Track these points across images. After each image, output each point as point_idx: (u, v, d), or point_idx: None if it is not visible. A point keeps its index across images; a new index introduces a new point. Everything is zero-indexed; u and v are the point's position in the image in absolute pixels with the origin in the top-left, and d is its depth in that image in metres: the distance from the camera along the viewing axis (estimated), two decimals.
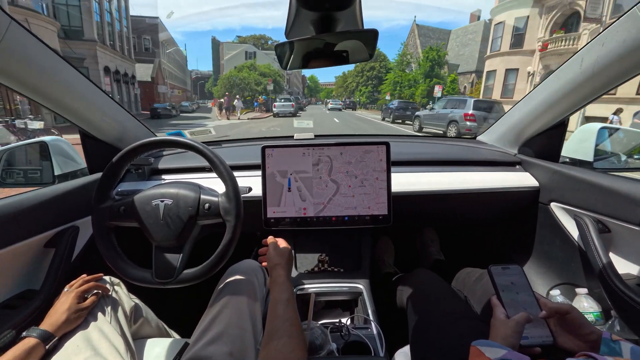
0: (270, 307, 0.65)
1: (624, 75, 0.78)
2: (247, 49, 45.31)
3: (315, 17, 0.58)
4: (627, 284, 0.78)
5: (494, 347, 0.50)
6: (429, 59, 27.29)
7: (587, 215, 0.93)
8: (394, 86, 30.84)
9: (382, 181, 0.97)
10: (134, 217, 0.77)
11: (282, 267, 0.75)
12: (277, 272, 0.73)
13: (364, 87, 43.73)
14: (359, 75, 44.95)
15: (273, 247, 0.81)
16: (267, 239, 0.87)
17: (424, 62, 27.78)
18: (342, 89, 58.66)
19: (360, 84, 44.46)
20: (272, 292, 0.69)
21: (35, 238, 0.82)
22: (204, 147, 0.77)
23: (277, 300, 0.65)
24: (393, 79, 31.57)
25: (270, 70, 36.48)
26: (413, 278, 1.02)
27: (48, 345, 0.64)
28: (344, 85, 53.56)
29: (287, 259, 0.79)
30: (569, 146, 1.17)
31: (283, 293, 0.67)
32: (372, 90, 42.87)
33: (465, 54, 28.92)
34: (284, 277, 0.72)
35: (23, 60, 0.71)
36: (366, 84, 43.50)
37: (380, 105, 34.63)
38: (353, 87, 47.01)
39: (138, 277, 0.76)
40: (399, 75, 31.08)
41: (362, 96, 43.55)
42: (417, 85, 28.38)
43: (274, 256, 0.78)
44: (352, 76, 48.51)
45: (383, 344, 0.81)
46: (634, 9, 0.67)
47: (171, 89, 35.87)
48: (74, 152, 1.17)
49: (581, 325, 0.56)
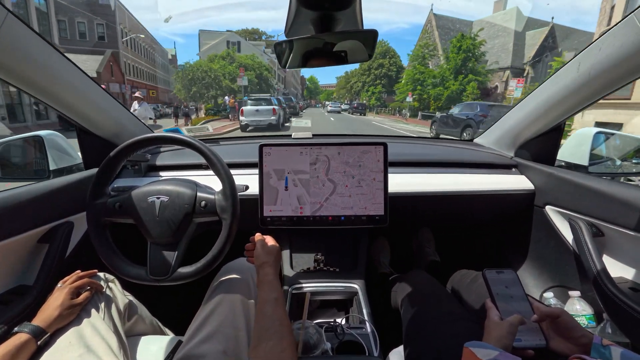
0: (258, 306, 0.63)
1: (620, 81, 0.78)
2: (229, 37, 36.53)
3: (315, 17, 0.58)
4: (619, 288, 0.79)
5: (487, 349, 0.50)
6: (462, 49, 21.20)
7: (582, 219, 0.94)
8: (413, 85, 24.32)
9: (379, 182, 0.97)
10: (129, 214, 0.77)
11: (270, 265, 0.73)
12: (265, 270, 0.71)
13: (372, 87, 38.45)
14: (365, 74, 39.97)
15: (261, 245, 0.78)
16: (254, 236, 0.84)
17: (454, 55, 21.63)
18: (344, 90, 53.82)
19: (367, 83, 39.42)
20: (260, 291, 0.68)
21: (29, 233, 0.81)
22: (201, 145, 0.77)
23: (266, 300, 0.64)
24: (413, 76, 24.65)
25: (254, 63, 27.57)
26: (408, 279, 1.02)
27: (40, 341, 0.63)
28: (347, 86, 49.15)
29: (275, 257, 0.77)
30: (565, 150, 1.19)
31: (271, 292, 0.65)
32: (382, 91, 37.65)
33: (495, 47, 24.30)
34: (272, 276, 0.70)
35: (20, 54, 0.70)
36: (374, 83, 38.52)
37: (393, 108, 28.89)
38: (358, 87, 41.96)
39: (133, 274, 0.76)
40: (419, 71, 24.25)
41: (371, 98, 38.14)
42: (445, 84, 22.24)
43: (262, 254, 0.75)
44: (357, 75, 43.25)
45: (377, 344, 0.81)
46: (632, 16, 0.68)
47: (136, 88, 21.85)
48: (69, 147, 1.17)
49: (573, 328, 0.57)
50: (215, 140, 1.44)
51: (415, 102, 24.52)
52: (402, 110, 26.36)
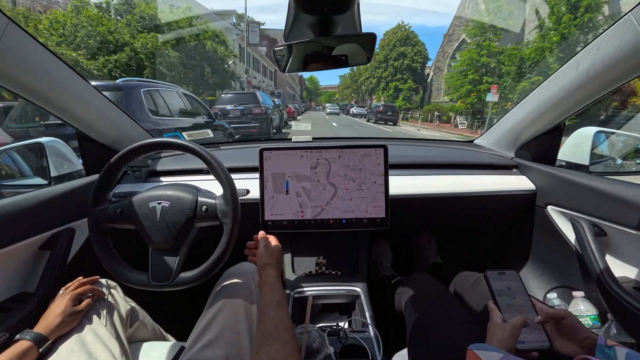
0: (260, 310, 0.61)
1: (619, 80, 0.78)
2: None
3: (314, 21, 0.59)
4: (623, 287, 0.78)
5: (491, 351, 0.50)
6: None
7: (584, 219, 0.93)
8: (476, 73, 15.81)
9: (380, 185, 0.97)
10: (130, 220, 0.77)
11: (273, 266, 0.71)
12: (268, 272, 0.69)
13: (396, 82, 27.82)
14: (381, 66, 30.50)
15: (264, 245, 0.76)
16: (257, 234, 0.83)
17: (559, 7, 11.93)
18: (349, 90, 44.27)
19: (384, 79, 29.48)
20: (262, 293, 0.65)
21: (30, 240, 0.81)
22: (202, 150, 0.77)
23: (268, 303, 0.61)
24: (475, 59, 15.89)
25: (190, 23, 13.84)
26: (411, 281, 1.02)
27: (42, 349, 0.63)
28: (354, 85, 39.47)
29: (278, 258, 0.75)
30: (565, 150, 1.18)
31: (274, 295, 0.63)
32: (413, 88, 27.02)
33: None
34: (275, 278, 0.68)
35: (20, 61, 0.71)
36: (396, 78, 28.14)
37: (431, 112, 19.26)
38: (371, 84, 31.66)
39: (134, 280, 0.76)
40: (490, 50, 15.24)
41: (394, 97, 27.20)
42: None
43: (265, 255, 0.74)
44: (370, 69, 33.38)
45: (380, 347, 0.81)
46: (629, 15, 0.68)
47: None
48: (70, 154, 1.17)
49: (577, 330, 0.56)
50: (216, 144, 1.45)
51: (469, 102, 16.12)
52: (453, 118, 17.87)
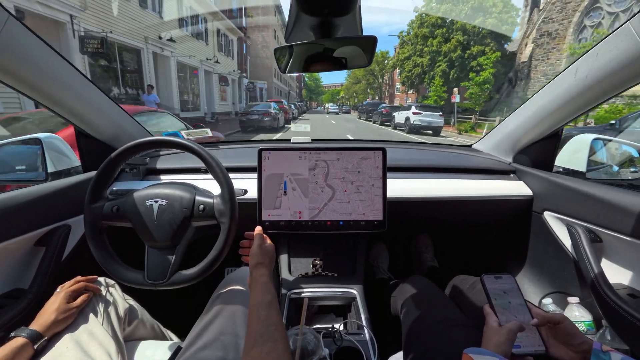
0: (250, 309, 0.60)
1: (617, 87, 0.79)
2: None
3: (315, 23, 0.59)
4: (618, 294, 0.79)
5: (486, 355, 0.50)
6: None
7: (580, 225, 0.94)
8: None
9: (378, 188, 0.97)
10: (127, 217, 0.76)
11: (266, 266, 0.70)
12: (260, 271, 0.68)
13: (447, 65, 18.14)
14: (411, 43, 20.07)
15: (258, 245, 0.75)
16: (251, 232, 0.81)
17: None
18: (362, 86, 37.40)
19: (443, 58, 18.58)
20: (253, 293, 0.64)
21: (25, 236, 0.81)
22: (200, 148, 0.77)
23: (259, 302, 0.60)
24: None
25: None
26: (407, 284, 1.02)
27: (37, 346, 0.63)
28: (370, 78, 31.18)
29: (271, 258, 0.75)
30: (563, 156, 1.19)
31: (266, 295, 0.62)
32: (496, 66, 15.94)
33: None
34: (267, 277, 0.67)
35: (20, 56, 0.71)
36: (435, 61, 18.66)
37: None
38: (417, 71, 20.07)
39: (129, 278, 0.75)
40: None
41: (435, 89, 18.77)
42: None
43: (258, 254, 0.72)
44: (402, 51, 22.32)
45: (376, 350, 0.80)
46: (628, 24, 0.68)
47: None
48: (68, 150, 1.16)
49: (573, 335, 0.56)
50: (215, 144, 1.44)
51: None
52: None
